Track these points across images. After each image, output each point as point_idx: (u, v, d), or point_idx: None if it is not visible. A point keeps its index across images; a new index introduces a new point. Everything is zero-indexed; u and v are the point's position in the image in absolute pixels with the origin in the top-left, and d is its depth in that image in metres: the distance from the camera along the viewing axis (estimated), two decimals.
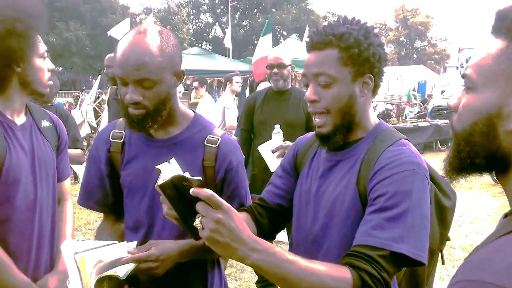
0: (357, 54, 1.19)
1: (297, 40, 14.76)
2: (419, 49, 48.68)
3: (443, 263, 1.47)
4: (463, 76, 0.79)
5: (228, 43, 16.07)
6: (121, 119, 1.51)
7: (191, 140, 1.46)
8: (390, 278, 1.05)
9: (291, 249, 1.36)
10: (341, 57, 1.19)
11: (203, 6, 46.28)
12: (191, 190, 0.96)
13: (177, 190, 1.01)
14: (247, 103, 3.58)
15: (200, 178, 1.00)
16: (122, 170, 1.48)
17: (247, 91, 14.25)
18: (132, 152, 1.47)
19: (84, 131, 9.03)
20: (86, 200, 1.55)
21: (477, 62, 0.77)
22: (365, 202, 1.16)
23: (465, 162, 0.79)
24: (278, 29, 42.92)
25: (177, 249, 1.36)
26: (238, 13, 44.73)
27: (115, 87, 4.28)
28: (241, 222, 0.97)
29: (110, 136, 1.50)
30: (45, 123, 1.79)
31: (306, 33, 13.55)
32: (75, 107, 10.99)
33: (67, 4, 36.45)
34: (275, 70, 3.36)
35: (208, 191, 0.95)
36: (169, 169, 1.04)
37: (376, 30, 1.26)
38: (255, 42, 41.17)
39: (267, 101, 3.46)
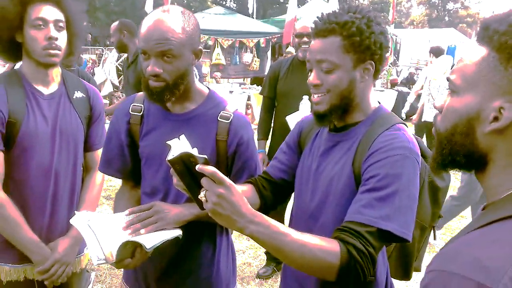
0: (359, 42, 1.26)
1: (322, 1, 14.41)
2: (451, 12, 46.82)
3: (434, 238, 1.57)
4: (448, 80, 0.86)
5: (251, 4, 15.81)
6: (140, 93, 1.61)
7: (205, 115, 1.56)
8: (376, 253, 1.16)
9: (291, 221, 1.48)
10: (344, 44, 1.26)
11: None
12: (196, 167, 1.07)
13: (185, 166, 1.11)
14: (272, 71, 3.54)
15: (205, 156, 1.10)
16: (140, 141, 1.60)
17: (269, 53, 14.17)
18: (150, 125, 1.58)
19: (107, 89, 9.22)
20: (107, 167, 1.68)
21: (461, 67, 0.83)
22: (359, 182, 1.26)
23: (447, 159, 0.86)
24: None
25: (180, 207, 1.49)
26: None
27: (125, 54, 4.30)
28: (241, 197, 1.08)
29: (130, 109, 1.61)
30: (78, 94, 1.89)
31: None
32: (98, 65, 11.13)
33: None
34: (305, 39, 3.27)
35: (211, 168, 1.06)
36: (179, 145, 1.13)
37: (379, 18, 1.32)
38: (281, 1, 40.25)
39: (292, 71, 3.40)
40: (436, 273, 0.70)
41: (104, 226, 1.38)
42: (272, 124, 3.60)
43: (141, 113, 1.60)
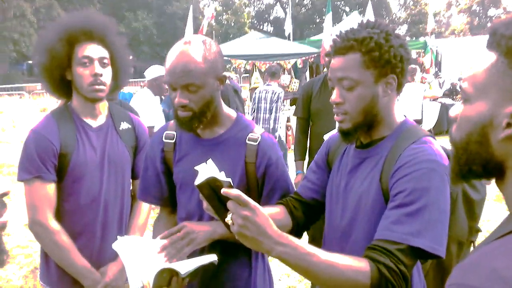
0: (378, 56, 1.26)
1: (358, 17, 14.37)
2: (494, 18, 45.35)
3: None
4: (460, 88, 0.85)
5: (288, 27, 16.00)
6: (172, 120, 1.69)
7: (234, 139, 1.60)
8: (408, 271, 1.13)
9: (324, 240, 1.48)
10: (363, 60, 1.27)
11: None
12: (222, 190, 1.10)
13: (212, 190, 1.14)
14: (304, 91, 3.55)
15: (230, 180, 1.13)
16: (174, 168, 1.65)
17: (307, 73, 14.23)
18: (182, 151, 1.64)
19: None
20: (145, 195, 1.75)
21: (472, 74, 0.82)
22: (387, 198, 1.24)
23: (464, 169, 0.84)
24: (341, 6, 41.77)
25: (210, 225, 1.53)
26: None
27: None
28: (266, 218, 1.10)
29: (163, 137, 1.68)
30: (124, 125, 2.01)
31: (369, 9, 13.17)
32: None
33: None
34: None
35: (236, 191, 1.09)
36: (206, 170, 1.17)
37: (397, 31, 1.32)
38: (317, 21, 40.52)
39: (324, 89, 3.39)
40: (454, 287, 0.69)
41: (144, 252, 1.43)
42: (308, 144, 3.60)
43: (174, 140, 1.66)
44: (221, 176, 1.14)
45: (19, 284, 3.92)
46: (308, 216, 1.51)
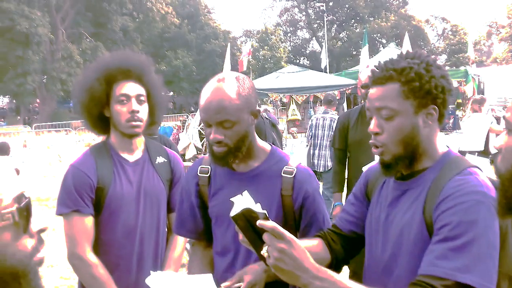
0: (419, 87, 1.23)
1: (395, 49, 14.31)
2: None
3: None
4: (504, 118, 0.81)
5: (324, 60, 16.13)
6: (206, 155, 1.69)
7: (269, 171, 1.59)
8: None
9: (364, 276, 1.42)
10: (403, 90, 1.24)
11: (299, 23, 46.88)
12: (257, 222, 1.08)
13: (248, 221, 1.12)
14: (341, 122, 3.54)
15: (265, 211, 1.11)
16: (209, 202, 1.65)
17: (344, 105, 14.17)
18: (217, 185, 1.64)
19: (191, 152, 9.70)
20: (180, 229, 1.75)
21: None
22: (431, 232, 1.18)
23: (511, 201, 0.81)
24: (377, 38, 41.84)
25: (263, 269, 1.48)
26: (335, 25, 44.50)
27: None
28: (303, 251, 1.07)
29: (198, 171, 1.68)
30: (160, 159, 2.05)
31: (406, 40, 13.12)
32: (182, 130, 11.80)
33: (175, 34, 39.31)
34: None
35: (271, 223, 1.06)
36: (242, 201, 1.15)
37: (438, 62, 1.29)
38: (353, 53, 40.66)
39: (362, 120, 3.36)
40: None
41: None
42: (346, 176, 3.55)
43: (209, 174, 1.66)
44: (257, 208, 1.13)
45: None
46: (347, 250, 1.46)
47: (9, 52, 30.43)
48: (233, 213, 1.13)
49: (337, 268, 1.44)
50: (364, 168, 2.99)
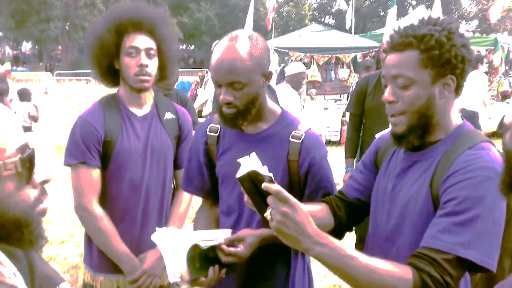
0: (438, 55, 1.18)
1: (425, 12, 13.77)
2: None
3: None
4: None
5: (349, 19, 15.66)
6: (217, 114, 1.68)
7: (278, 135, 1.57)
8: (454, 283, 1.07)
9: (367, 244, 1.42)
10: (421, 59, 1.20)
11: None
12: (262, 185, 1.08)
13: (253, 183, 1.12)
14: (359, 87, 3.45)
15: (271, 175, 1.11)
16: (217, 161, 1.65)
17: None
18: (226, 145, 1.63)
19: (208, 109, 9.70)
20: (188, 186, 1.77)
21: None
22: (437, 205, 1.17)
23: None
24: None
25: (260, 238, 1.51)
26: None
27: None
28: (306, 216, 1.07)
29: (208, 130, 1.67)
30: (168, 115, 2.03)
31: (437, 3, 12.58)
32: (201, 86, 11.76)
33: None
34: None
35: (276, 187, 1.06)
36: (249, 163, 1.15)
37: (461, 30, 1.23)
38: (381, 14, 39.29)
39: (380, 86, 3.27)
40: None
41: (182, 244, 1.43)
42: (360, 142, 3.51)
43: (218, 133, 1.65)
44: (263, 171, 1.12)
45: (73, 262, 4.15)
46: (351, 217, 1.45)
47: None
48: (239, 174, 1.13)
49: (339, 234, 1.45)
50: (377, 135, 2.96)
